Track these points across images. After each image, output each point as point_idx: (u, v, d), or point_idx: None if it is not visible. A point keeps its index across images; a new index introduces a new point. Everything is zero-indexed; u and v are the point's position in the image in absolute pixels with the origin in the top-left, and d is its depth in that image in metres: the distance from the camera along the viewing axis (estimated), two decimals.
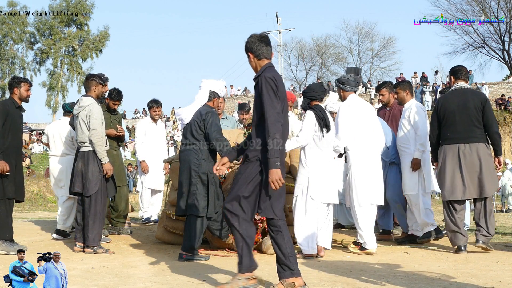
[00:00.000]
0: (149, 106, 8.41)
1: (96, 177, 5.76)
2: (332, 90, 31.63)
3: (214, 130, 5.43)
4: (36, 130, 36.23)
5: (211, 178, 5.45)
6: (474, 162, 5.69)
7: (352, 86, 6.02)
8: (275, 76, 3.83)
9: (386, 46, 45.80)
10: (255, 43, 3.95)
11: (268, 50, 3.98)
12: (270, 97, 3.75)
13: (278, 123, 3.71)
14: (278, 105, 3.76)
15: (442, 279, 4.40)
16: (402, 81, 6.88)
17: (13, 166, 5.70)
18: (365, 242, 5.73)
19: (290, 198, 5.76)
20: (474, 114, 5.70)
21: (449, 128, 5.77)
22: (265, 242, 5.74)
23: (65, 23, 49.34)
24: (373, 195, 5.82)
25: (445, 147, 5.81)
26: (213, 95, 5.76)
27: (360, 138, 5.83)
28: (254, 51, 3.95)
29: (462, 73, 5.96)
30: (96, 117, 5.79)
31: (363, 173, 5.79)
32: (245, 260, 3.91)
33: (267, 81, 3.78)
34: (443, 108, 5.82)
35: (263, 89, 3.78)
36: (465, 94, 5.80)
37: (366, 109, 6.02)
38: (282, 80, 3.95)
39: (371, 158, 5.86)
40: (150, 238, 6.85)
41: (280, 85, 3.84)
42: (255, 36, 3.98)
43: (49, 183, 17.78)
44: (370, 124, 5.94)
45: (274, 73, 3.87)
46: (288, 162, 6.42)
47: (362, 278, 4.43)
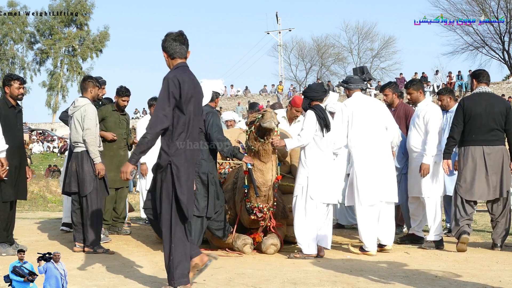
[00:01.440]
0: (150, 104, 8.32)
1: (90, 176, 5.76)
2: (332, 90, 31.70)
3: (215, 131, 5.44)
4: (36, 130, 36.19)
5: (211, 178, 5.45)
6: (498, 163, 5.91)
7: (357, 84, 5.94)
8: (179, 77, 3.81)
9: (386, 46, 45.78)
10: (169, 41, 3.94)
11: (182, 49, 3.95)
12: (162, 98, 3.79)
13: (158, 125, 3.74)
14: (168, 107, 3.76)
15: (442, 279, 4.40)
16: (414, 80, 6.65)
17: (13, 167, 5.65)
18: (365, 243, 5.71)
19: (290, 198, 5.76)
20: (498, 118, 5.93)
21: (475, 130, 5.92)
22: (265, 242, 5.74)
23: (65, 23, 49.31)
24: (378, 194, 5.73)
25: (469, 148, 5.95)
26: (215, 95, 5.77)
27: (363, 136, 5.76)
28: (167, 50, 3.95)
29: (484, 77, 6.15)
30: (90, 117, 5.80)
31: (365, 173, 5.74)
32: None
33: (166, 82, 3.81)
34: (470, 110, 5.94)
35: (161, 89, 3.83)
36: (491, 99, 6.03)
37: (372, 106, 5.91)
38: (192, 81, 3.89)
39: (376, 156, 5.76)
40: (150, 238, 6.85)
41: (186, 86, 3.80)
42: (170, 35, 3.96)
43: (49, 183, 17.79)
44: (375, 121, 5.83)
45: (181, 74, 3.84)
46: (289, 162, 6.42)
47: (362, 278, 4.43)
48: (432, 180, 6.07)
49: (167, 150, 3.81)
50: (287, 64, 47.81)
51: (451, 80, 29.03)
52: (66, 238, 6.85)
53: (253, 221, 5.58)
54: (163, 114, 3.75)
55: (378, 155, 5.78)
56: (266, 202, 5.49)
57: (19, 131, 5.87)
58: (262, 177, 5.41)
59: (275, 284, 4.24)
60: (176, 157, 3.80)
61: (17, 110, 5.85)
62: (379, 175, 5.75)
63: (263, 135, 5.33)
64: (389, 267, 4.95)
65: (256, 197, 5.42)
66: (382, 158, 5.81)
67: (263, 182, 5.41)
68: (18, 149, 5.80)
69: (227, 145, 5.43)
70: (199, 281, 4.31)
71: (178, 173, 3.80)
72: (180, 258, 3.85)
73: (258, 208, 5.45)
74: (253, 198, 5.45)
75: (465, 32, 34.80)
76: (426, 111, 6.14)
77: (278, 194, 6.02)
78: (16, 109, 5.84)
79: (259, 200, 5.44)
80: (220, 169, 6.36)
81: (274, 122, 5.20)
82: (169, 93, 3.76)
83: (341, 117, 5.84)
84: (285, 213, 5.97)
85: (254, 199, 5.44)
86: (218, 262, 5.26)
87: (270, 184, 5.49)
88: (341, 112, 5.87)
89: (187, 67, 3.98)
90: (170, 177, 3.81)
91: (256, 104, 7.96)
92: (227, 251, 5.75)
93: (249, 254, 5.67)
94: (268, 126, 5.18)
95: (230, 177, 6.22)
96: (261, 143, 5.37)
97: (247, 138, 5.60)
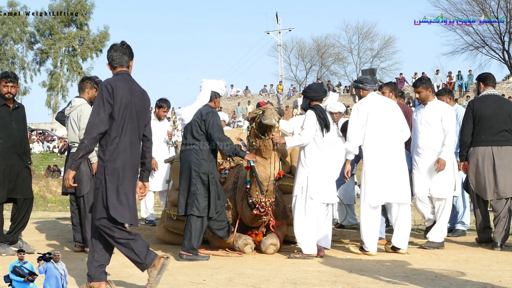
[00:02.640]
0: (159, 105, 8.31)
1: (88, 176, 5.75)
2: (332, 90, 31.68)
3: (216, 130, 5.44)
4: (36, 130, 36.17)
5: (212, 178, 5.45)
6: (507, 163, 6.09)
7: (372, 85, 5.87)
8: (112, 83, 3.90)
9: (386, 46, 45.72)
10: (110, 52, 4.07)
11: (122, 59, 4.04)
12: (98, 104, 3.89)
13: (94, 129, 3.82)
14: (103, 113, 3.84)
15: (442, 279, 4.40)
16: (423, 79, 6.49)
17: (10, 166, 5.59)
18: (365, 243, 5.69)
19: (290, 198, 5.76)
20: (507, 120, 6.15)
21: (485, 131, 6.11)
22: (264, 242, 5.74)
23: (65, 23, 49.28)
24: (384, 195, 5.66)
25: (479, 149, 6.12)
26: (214, 95, 5.77)
27: (377, 137, 5.69)
28: (109, 62, 4.09)
29: (490, 80, 6.36)
30: (86, 117, 5.78)
31: (375, 173, 5.66)
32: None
33: (100, 88, 3.94)
34: (479, 112, 6.13)
35: (96, 95, 3.98)
36: (499, 101, 6.31)
37: (387, 107, 5.84)
38: (128, 88, 3.96)
39: (388, 157, 5.67)
40: (150, 238, 6.85)
41: (119, 92, 3.88)
42: (111, 46, 4.11)
43: (49, 183, 17.78)
44: (390, 122, 5.76)
45: (115, 81, 3.94)
46: (289, 162, 6.43)
47: (362, 278, 4.43)
48: (445, 179, 6.02)
49: (102, 156, 3.90)
50: (287, 64, 47.81)
51: (451, 80, 29.02)
52: (66, 238, 6.86)
53: (255, 217, 5.58)
54: (98, 119, 3.84)
55: (390, 157, 5.69)
56: (267, 196, 5.50)
57: (14, 130, 5.71)
58: (264, 172, 5.45)
59: (275, 284, 4.25)
60: (110, 162, 3.85)
61: (12, 109, 5.73)
62: (389, 177, 5.65)
63: (263, 132, 5.36)
64: (389, 267, 4.95)
65: (259, 192, 5.42)
66: (395, 160, 5.71)
67: (265, 176, 5.45)
68: (13, 148, 5.66)
69: (228, 144, 5.44)
70: (199, 281, 4.31)
71: (112, 178, 3.84)
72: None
73: (260, 203, 5.45)
74: (254, 192, 5.47)
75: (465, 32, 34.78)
76: (440, 109, 6.09)
77: (278, 194, 6.03)
78: (11, 108, 5.72)
79: (261, 195, 5.45)
80: (221, 168, 6.37)
81: (275, 118, 5.23)
82: (103, 98, 3.87)
83: (357, 116, 5.76)
84: (285, 213, 5.97)
85: (256, 194, 5.46)
86: (218, 262, 5.26)
87: (272, 178, 5.53)
88: (356, 111, 5.79)
89: (127, 75, 4.06)
90: (104, 182, 3.85)
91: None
92: (227, 251, 5.75)
93: (249, 254, 5.67)
94: (268, 122, 5.21)
95: (231, 177, 6.23)
96: (262, 140, 5.40)
97: (248, 135, 5.63)
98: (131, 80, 4.06)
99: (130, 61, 4.09)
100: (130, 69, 4.13)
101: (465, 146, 6.21)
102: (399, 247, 5.72)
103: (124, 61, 4.05)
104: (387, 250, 5.78)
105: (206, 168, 5.43)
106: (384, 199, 5.71)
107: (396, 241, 5.73)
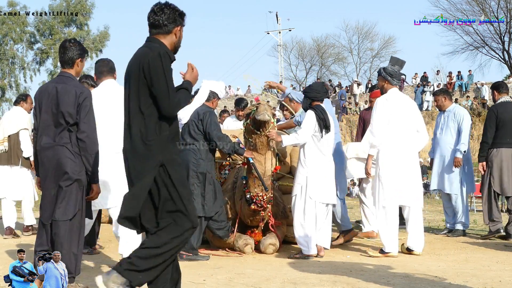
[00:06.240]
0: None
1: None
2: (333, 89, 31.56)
3: (214, 129, 5.46)
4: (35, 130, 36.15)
5: (209, 178, 5.46)
6: None
7: (398, 81, 5.71)
8: (40, 87, 4.17)
9: (386, 46, 45.67)
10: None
11: (65, 57, 4.11)
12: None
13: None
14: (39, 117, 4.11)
15: (442, 279, 4.40)
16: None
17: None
18: (385, 245, 5.51)
19: (290, 198, 5.76)
20: None
21: (508, 134, 6.62)
22: (263, 242, 5.73)
23: (65, 23, 49.28)
24: (399, 197, 5.52)
25: (502, 150, 6.64)
26: (212, 95, 5.77)
27: (394, 136, 5.53)
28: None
29: (504, 87, 6.96)
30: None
31: (390, 174, 5.49)
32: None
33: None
34: (503, 116, 6.65)
35: None
36: None
37: (406, 106, 5.68)
38: (45, 89, 4.08)
39: (403, 158, 5.53)
40: None
41: (36, 94, 4.14)
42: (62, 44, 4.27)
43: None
44: (409, 122, 5.62)
45: (46, 84, 4.22)
46: (289, 162, 6.43)
47: (362, 278, 4.43)
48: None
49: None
50: (287, 64, 47.77)
51: (451, 80, 29.01)
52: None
53: (253, 213, 5.57)
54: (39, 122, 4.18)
55: (405, 158, 5.55)
56: (264, 191, 5.50)
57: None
58: (261, 167, 5.46)
59: (275, 284, 4.24)
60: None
61: None
62: (404, 179, 5.52)
63: (258, 127, 5.40)
64: (389, 267, 4.94)
65: (257, 187, 5.44)
66: (409, 162, 5.58)
67: (262, 172, 5.46)
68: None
69: (228, 142, 5.45)
70: (199, 281, 4.30)
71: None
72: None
73: (258, 198, 5.45)
74: (252, 187, 5.48)
75: (465, 32, 34.74)
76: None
77: (278, 194, 6.03)
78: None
79: (258, 190, 5.45)
80: (221, 167, 6.37)
81: (268, 114, 5.26)
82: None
83: (382, 112, 5.56)
84: (285, 213, 5.96)
85: (253, 189, 5.47)
86: (218, 262, 5.26)
87: (269, 174, 5.55)
88: (382, 106, 5.59)
89: (62, 76, 4.13)
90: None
91: (243, 100, 7.97)
92: (227, 251, 5.75)
93: (249, 254, 5.67)
94: (261, 118, 5.26)
95: (230, 177, 6.23)
96: (257, 135, 5.43)
97: (244, 131, 5.64)
98: (61, 81, 4.08)
99: (76, 59, 4.13)
100: (79, 68, 4.18)
101: (486, 147, 6.69)
102: (412, 249, 5.64)
103: (66, 60, 4.13)
104: (403, 250, 5.71)
105: (203, 168, 5.44)
106: (399, 202, 5.57)
107: (411, 243, 5.64)
